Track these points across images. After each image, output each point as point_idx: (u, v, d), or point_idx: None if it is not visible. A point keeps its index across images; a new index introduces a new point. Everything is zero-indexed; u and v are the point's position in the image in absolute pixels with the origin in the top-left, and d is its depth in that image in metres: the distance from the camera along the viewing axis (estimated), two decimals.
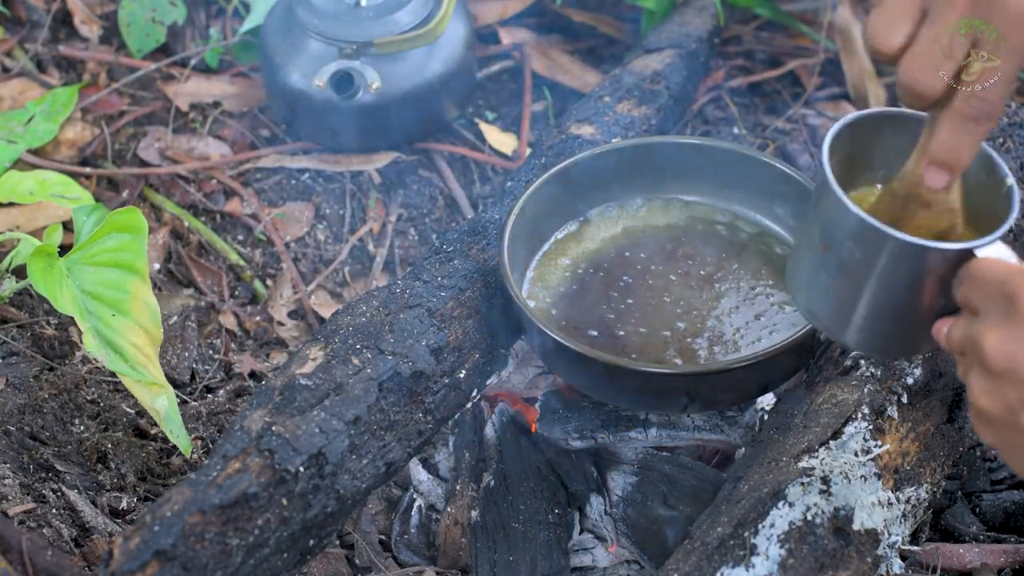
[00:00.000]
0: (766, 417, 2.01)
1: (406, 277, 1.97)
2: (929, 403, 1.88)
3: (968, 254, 1.49)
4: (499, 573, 1.92)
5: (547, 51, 2.72)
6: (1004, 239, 1.51)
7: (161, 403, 1.93)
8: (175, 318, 2.28)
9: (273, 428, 1.71)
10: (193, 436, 2.08)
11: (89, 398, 2.12)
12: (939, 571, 1.92)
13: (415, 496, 2.03)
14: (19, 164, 2.45)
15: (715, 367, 1.87)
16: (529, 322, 1.89)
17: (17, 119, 2.50)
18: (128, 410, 2.12)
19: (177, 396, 2.16)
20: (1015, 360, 1.38)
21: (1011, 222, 1.53)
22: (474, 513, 1.97)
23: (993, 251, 1.50)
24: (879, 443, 1.80)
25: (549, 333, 1.86)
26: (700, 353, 1.93)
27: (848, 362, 1.90)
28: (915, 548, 1.88)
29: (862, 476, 1.76)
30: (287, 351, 2.29)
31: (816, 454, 1.77)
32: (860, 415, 1.82)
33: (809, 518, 1.70)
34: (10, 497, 1.94)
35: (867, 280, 1.54)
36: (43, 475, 2.01)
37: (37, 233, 2.29)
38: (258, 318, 2.34)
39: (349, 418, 1.76)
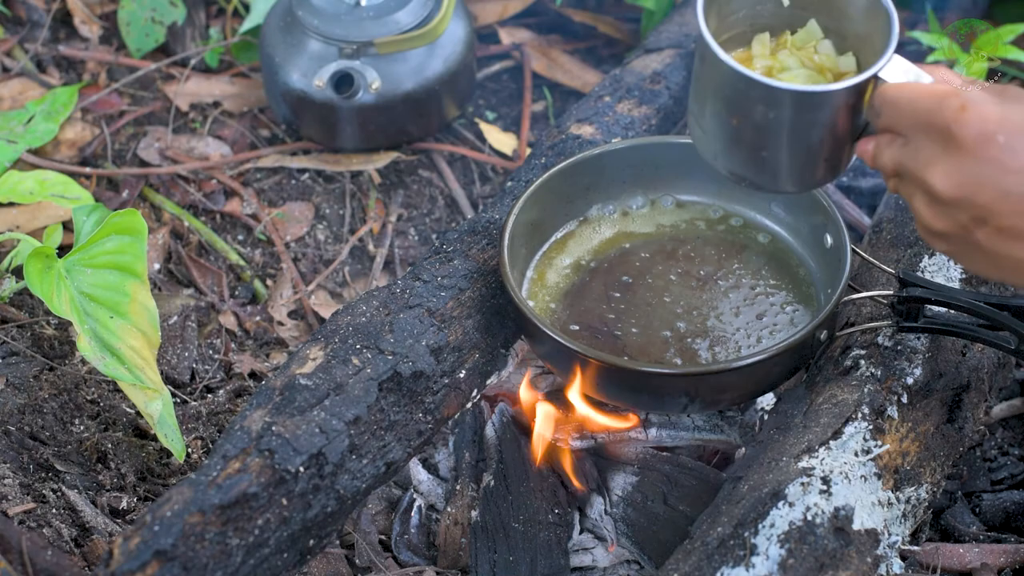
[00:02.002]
0: (766, 417, 2.01)
1: (406, 277, 1.97)
2: (929, 403, 1.88)
3: (874, 80, 1.55)
4: (499, 573, 1.92)
5: (547, 51, 2.72)
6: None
7: (155, 407, 1.93)
8: (175, 318, 2.28)
9: (273, 428, 1.71)
10: (193, 436, 2.08)
11: (89, 398, 2.12)
12: (939, 571, 1.92)
13: (415, 496, 2.03)
14: (19, 164, 2.45)
15: (715, 367, 1.87)
16: (529, 322, 1.89)
17: (17, 119, 2.50)
18: (128, 410, 2.12)
19: (177, 396, 2.16)
20: (964, 188, 1.46)
21: (896, 36, 1.57)
22: (474, 513, 1.97)
23: (897, 69, 1.55)
24: (879, 443, 1.80)
25: (549, 333, 1.86)
26: (700, 353, 1.93)
27: (848, 362, 1.90)
28: (915, 548, 1.88)
29: (862, 476, 1.76)
30: (287, 351, 2.29)
31: (816, 454, 1.77)
32: (860, 415, 1.82)
33: (809, 518, 1.70)
34: (10, 497, 1.94)
35: (786, 135, 1.60)
36: (43, 475, 2.01)
37: (37, 233, 2.29)
38: (258, 318, 2.34)
39: (349, 418, 1.76)
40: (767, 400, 2.03)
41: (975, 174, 1.46)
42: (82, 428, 2.08)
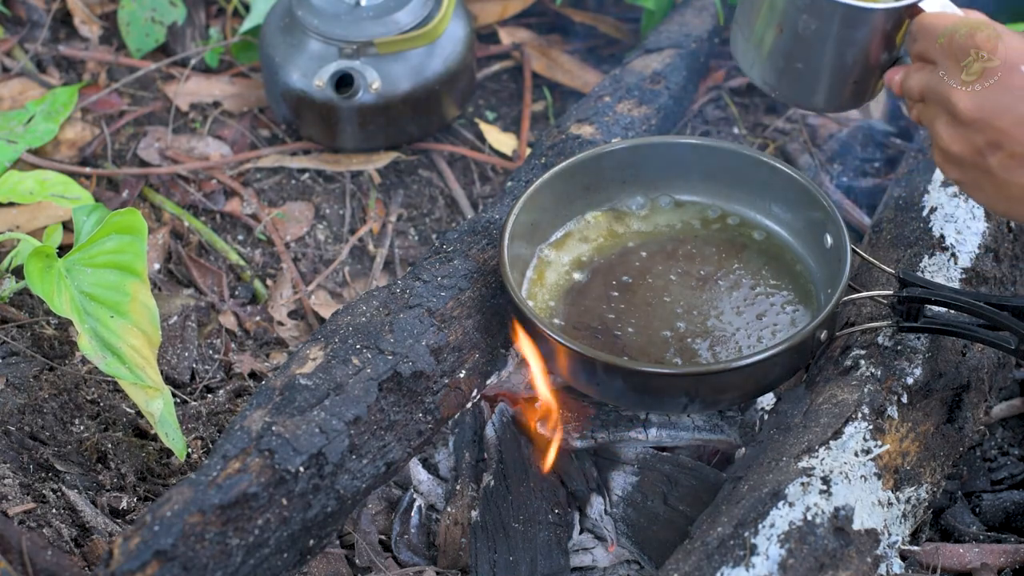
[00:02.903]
0: (766, 417, 2.01)
1: (406, 277, 1.97)
2: (929, 403, 1.88)
3: (914, 9, 1.70)
4: (499, 573, 1.92)
5: (547, 51, 2.72)
6: None
7: (156, 406, 1.93)
8: (175, 318, 2.28)
9: (273, 428, 1.71)
10: (193, 436, 2.08)
11: (89, 398, 2.12)
12: (939, 571, 1.92)
13: (415, 496, 2.03)
14: (19, 164, 2.45)
15: (715, 367, 1.87)
16: (529, 322, 1.89)
17: (17, 119, 2.50)
18: (128, 410, 2.12)
19: (177, 396, 2.16)
20: (985, 111, 1.61)
21: None
22: (474, 513, 1.97)
23: (935, 3, 1.71)
24: (879, 443, 1.80)
25: (549, 333, 1.86)
26: (700, 353, 1.93)
27: (848, 362, 1.90)
28: (915, 548, 1.88)
29: (862, 476, 1.76)
30: (287, 351, 2.29)
31: (816, 454, 1.77)
32: (860, 415, 1.82)
33: (809, 518, 1.70)
34: (10, 497, 1.94)
35: (824, 48, 1.75)
36: (43, 475, 2.01)
37: (37, 233, 2.29)
38: (258, 318, 2.34)
39: (349, 418, 1.76)
40: (767, 400, 2.03)
41: (996, 99, 1.61)
42: (82, 428, 2.08)
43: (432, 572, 1.97)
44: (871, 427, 1.81)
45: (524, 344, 1.91)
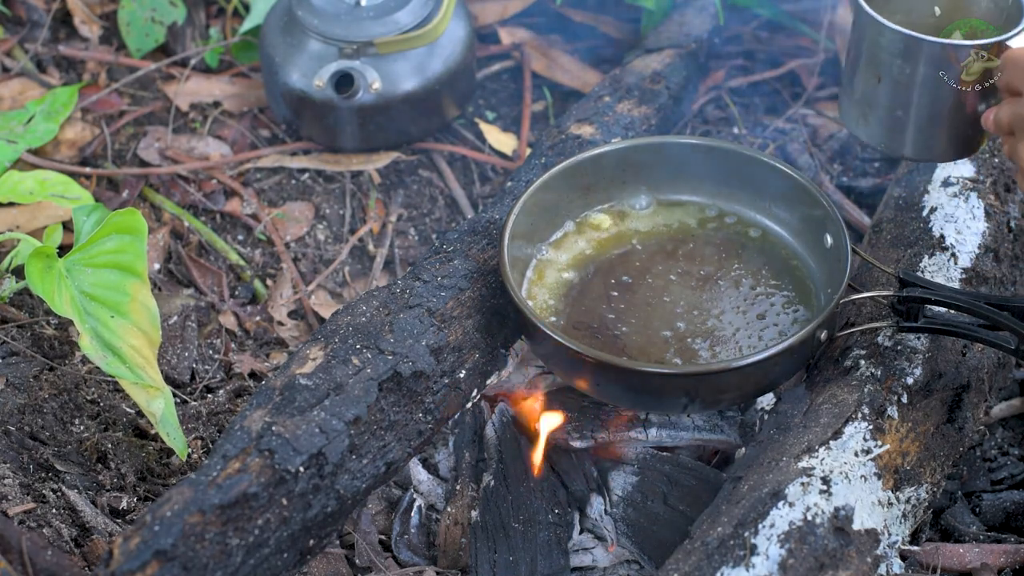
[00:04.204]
0: (766, 417, 2.01)
1: (406, 277, 1.97)
2: (929, 403, 1.88)
3: (1002, 46, 1.76)
4: (499, 573, 1.92)
5: (547, 51, 2.72)
6: None
7: (157, 406, 1.93)
8: (175, 318, 2.28)
9: (273, 428, 1.71)
10: (193, 436, 2.08)
11: (89, 398, 2.12)
12: (939, 571, 1.92)
13: (415, 496, 2.03)
14: (19, 164, 2.45)
15: (715, 367, 1.87)
16: (529, 322, 1.89)
17: (17, 119, 2.50)
18: (128, 410, 2.12)
19: (177, 396, 2.16)
20: None
21: None
22: (474, 513, 1.97)
23: (1022, 40, 1.77)
24: (879, 443, 1.80)
25: (549, 333, 1.86)
26: (700, 353, 1.93)
27: (848, 362, 1.90)
28: (915, 548, 1.88)
29: (862, 476, 1.76)
30: (287, 351, 2.29)
31: (816, 454, 1.77)
32: (860, 415, 1.82)
33: (809, 518, 1.70)
34: (10, 497, 1.94)
35: (920, 91, 1.81)
36: (43, 475, 2.01)
37: (37, 233, 2.29)
38: (258, 318, 2.34)
39: (349, 418, 1.76)
40: (767, 400, 2.03)
41: None
42: (82, 428, 2.08)
43: (432, 572, 1.97)
44: (871, 427, 1.81)
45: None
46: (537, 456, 1.98)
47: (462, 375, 1.91)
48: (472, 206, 2.50)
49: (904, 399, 1.85)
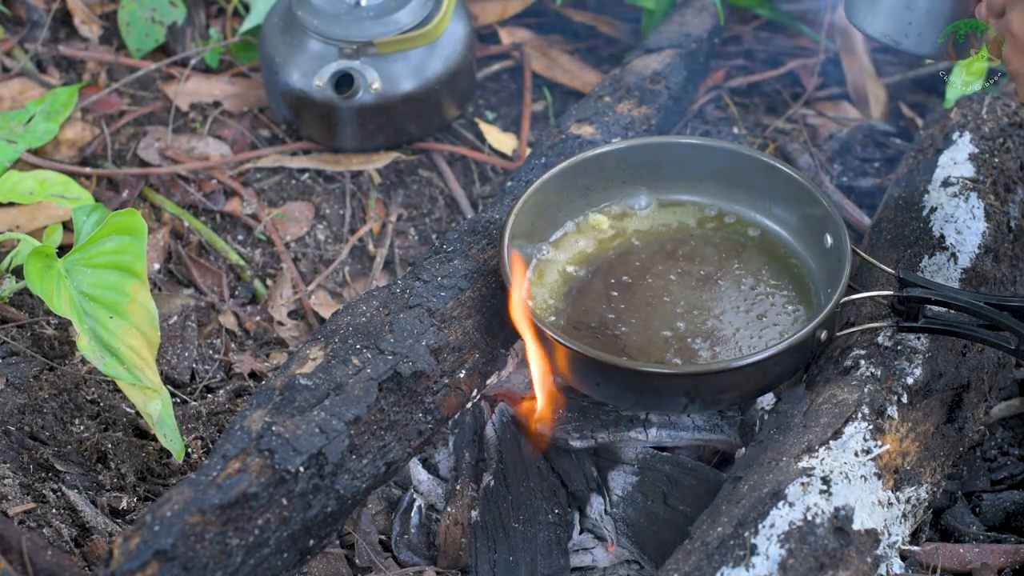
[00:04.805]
0: (766, 417, 2.01)
1: (406, 277, 1.97)
2: (929, 403, 1.88)
3: None
4: (499, 573, 1.92)
5: (547, 51, 2.72)
6: None
7: (155, 407, 1.93)
8: (175, 318, 2.28)
9: (273, 428, 1.71)
10: (193, 436, 2.08)
11: (89, 398, 2.12)
12: (939, 571, 1.92)
13: (415, 496, 2.03)
14: (19, 164, 2.45)
15: (715, 367, 1.87)
16: (529, 322, 1.88)
17: (17, 119, 2.50)
18: (128, 410, 2.12)
19: (177, 396, 2.16)
20: None
21: None
22: (474, 513, 1.97)
23: None
24: (879, 443, 1.80)
25: (549, 333, 1.86)
26: (700, 353, 1.93)
27: (848, 362, 1.90)
28: (915, 548, 1.88)
29: (862, 476, 1.76)
30: (287, 351, 2.29)
31: (816, 454, 1.77)
32: (860, 415, 1.82)
33: (809, 518, 1.70)
34: (10, 497, 1.94)
35: None
36: (43, 475, 2.01)
37: (37, 233, 2.29)
38: (258, 318, 2.34)
39: (349, 418, 1.76)
40: (767, 400, 2.03)
41: None
42: (82, 428, 2.08)
43: (432, 572, 1.97)
44: (871, 427, 1.81)
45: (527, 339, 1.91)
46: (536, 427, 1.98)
47: (462, 375, 1.91)
48: (472, 206, 2.50)
49: (904, 399, 1.85)
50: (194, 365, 2.24)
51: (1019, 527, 2.03)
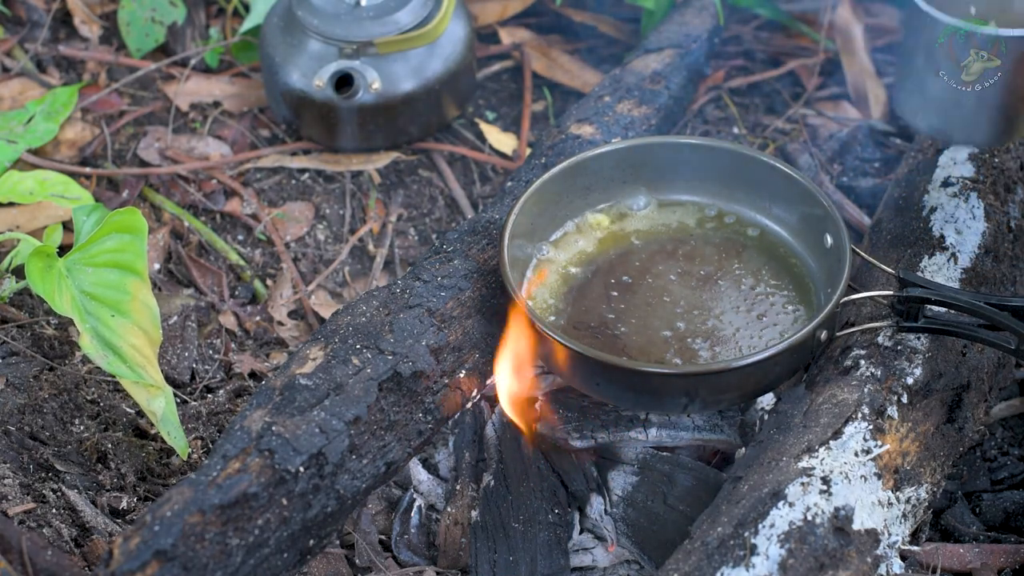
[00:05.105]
0: (766, 417, 2.01)
1: (406, 277, 1.97)
2: (929, 403, 1.88)
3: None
4: (499, 573, 1.92)
5: (547, 51, 2.72)
6: None
7: (158, 404, 1.93)
8: (175, 318, 2.28)
9: (273, 428, 1.71)
10: (193, 436, 2.08)
11: (89, 398, 2.12)
12: (939, 571, 1.92)
13: (415, 496, 2.03)
14: (19, 164, 2.45)
15: (715, 367, 1.87)
16: (529, 322, 1.88)
17: (17, 119, 2.50)
18: (128, 410, 2.12)
19: (177, 396, 2.16)
20: None
21: None
22: (474, 513, 1.97)
23: None
24: (879, 443, 1.80)
25: (549, 333, 1.86)
26: (700, 353, 1.93)
27: (848, 362, 1.90)
28: (915, 548, 1.88)
29: (862, 476, 1.76)
30: (287, 351, 2.29)
31: (816, 454, 1.77)
32: (860, 415, 1.82)
33: (809, 518, 1.70)
34: (10, 497, 1.94)
35: (989, 81, 1.91)
36: (43, 475, 2.01)
37: (37, 233, 2.29)
38: (258, 318, 2.34)
39: (349, 418, 1.76)
40: (767, 400, 2.03)
41: None
42: (82, 428, 2.08)
43: (432, 572, 1.97)
44: (871, 427, 1.81)
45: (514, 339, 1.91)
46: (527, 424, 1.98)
47: (462, 375, 1.91)
48: (472, 206, 2.50)
49: (904, 399, 1.85)
50: (194, 365, 2.24)
51: (1019, 527, 2.03)
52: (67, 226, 2.24)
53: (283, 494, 1.69)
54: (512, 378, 1.93)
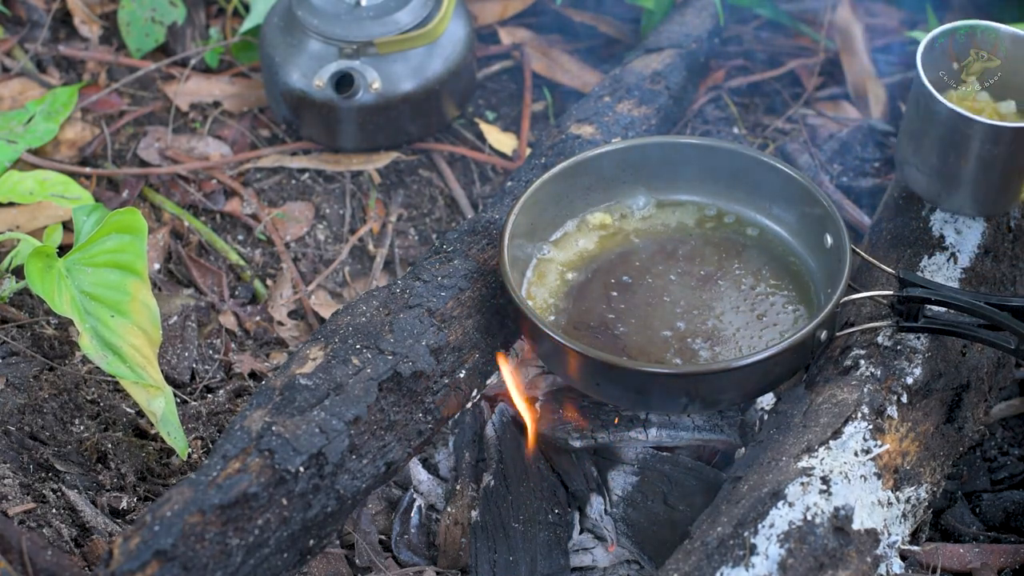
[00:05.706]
0: (766, 417, 2.02)
1: (406, 277, 1.97)
2: (929, 403, 1.88)
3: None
4: (499, 573, 1.92)
5: (547, 51, 2.72)
6: None
7: (158, 405, 1.93)
8: (175, 318, 2.28)
9: (273, 428, 1.71)
10: (193, 436, 2.08)
11: (89, 398, 2.12)
12: (939, 571, 1.92)
13: (415, 496, 2.03)
14: (19, 164, 2.45)
15: (715, 367, 1.87)
16: (529, 322, 1.88)
17: (17, 119, 2.50)
18: (128, 410, 2.12)
19: (177, 396, 2.16)
20: None
21: None
22: (474, 513, 1.97)
23: None
24: (879, 443, 1.80)
25: (549, 333, 1.86)
26: (700, 353, 1.93)
27: (848, 362, 1.90)
28: (915, 548, 1.88)
29: (862, 476, 1.76)
30: (287, 351, 2.29)
31: (816, 454, 1.77)
32: (860, 415, 1.82)
33: (809, 518, 1.70)
34: (10, 497, 1.94)
35: (1002, 163, 1.96)
36: (43, 475, 2.01)
37: (37, 233, 2.29)
38: (258, 318, 2.34)
39: (349, 418, 1.76)
40: (767, 400, 2.03)
41: None
42: (82, 428, 2.08)
43: (432, 572, 1.97)
44: (871, 427, 1.81)
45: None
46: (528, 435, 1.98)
47: (462, 375, 1.91)
48: (472, 206, 2.50)
49: (904, 399, 1.85)
50: (194, 365, 2.24)
51: (1019, 527, 2.03)
52: (67, 226, 2.24)
53: (283, 494, 1.69)
54: (516, 375, 1.93)
